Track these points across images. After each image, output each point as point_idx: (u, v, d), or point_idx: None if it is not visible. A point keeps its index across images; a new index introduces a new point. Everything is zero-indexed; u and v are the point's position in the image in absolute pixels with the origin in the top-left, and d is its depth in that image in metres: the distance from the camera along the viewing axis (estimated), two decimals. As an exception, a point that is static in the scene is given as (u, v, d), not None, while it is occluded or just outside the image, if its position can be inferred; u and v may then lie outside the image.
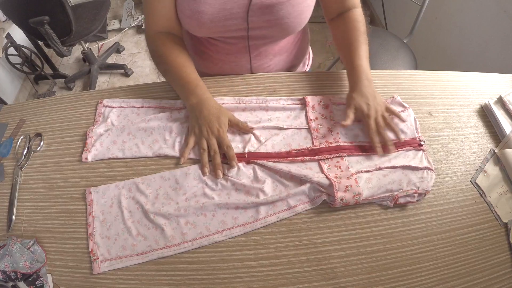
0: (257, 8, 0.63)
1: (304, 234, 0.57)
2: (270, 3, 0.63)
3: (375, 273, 0.54)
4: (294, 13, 0.65)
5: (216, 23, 0.65)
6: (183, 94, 0.68)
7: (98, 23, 1.85)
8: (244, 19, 0.65)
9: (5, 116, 0.73)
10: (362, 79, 0.65)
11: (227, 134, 0.64)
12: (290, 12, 0.64)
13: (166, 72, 0.69)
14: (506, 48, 1.31)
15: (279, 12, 0.64)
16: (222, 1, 0.63)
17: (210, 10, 0.63)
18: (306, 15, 0.68)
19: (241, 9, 0.64)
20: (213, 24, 0.65)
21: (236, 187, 0.61)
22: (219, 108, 0.66)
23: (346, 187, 0.58)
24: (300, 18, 0.67)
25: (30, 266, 0.52)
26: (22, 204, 0.61)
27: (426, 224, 0.59)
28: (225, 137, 0.63)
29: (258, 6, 0.63)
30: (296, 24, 0.67)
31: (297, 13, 0.65)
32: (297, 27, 0.69)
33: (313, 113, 0.69)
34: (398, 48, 1.44)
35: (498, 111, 0.72)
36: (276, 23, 0.66)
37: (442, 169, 0.65)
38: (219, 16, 0.64)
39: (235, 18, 0.65)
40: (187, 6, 0.64)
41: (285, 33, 0.70)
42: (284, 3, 0.63)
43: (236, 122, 0.66)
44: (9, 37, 1.81)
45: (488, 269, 0.56)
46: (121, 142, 0.66)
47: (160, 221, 0.57)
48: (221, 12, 0.64)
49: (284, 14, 0.64)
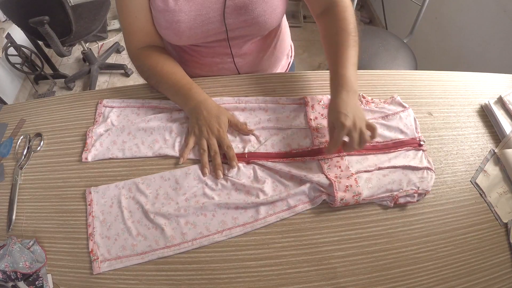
0: (232, 10, 0.64)
1: (304, 234, 0.57)
2: (243, 4, 0.63)
3: (375, 273, 0.54)
4: (268, 10, 0.65)
5: (194, 30, 0.65)
6: (179, 100, 0.67)
7: (98, 23, 1.85)
8: (221, 22, 0.66)
9: (5, 116, 0.73)
10: (342, 91, 0.59)
11: (227, 134, 0.64)
12: (265, 9, 0.64)
13: (157, 83, 0.69)
14: (506, 48, 1.31)
15: (254, 11, 0.64)
16: (196, 7, 0.63)
17: (186, 18, 0.63)
18: (281, 9, 0.68)
19: (216, 12, 0.64)
20: (191, 32, 0.65)
21: (236, 187, 0.61)
22: (218, 108, 0.66)
23: (346, 187, 0.58)
24: (275, 13, 0.67)
25: (30, 266, 0.52)
26: (22, 204, 0.61)
27: (426, 224, 0.59)
28: (225, 137, 0.63)
29: (232, 8, 0.64)
30: (272, 19, 0.67)
31: (272, 9, 0.65)
32: (274, 23, 0.69)
33: (312, 113, 0.69)
34: (398, 48, 1.44)
35: (498, 111, 0.72)
36: (253, 22, 0.66)
37: (442, 169, 0.65)
38: (196, 23, 0.64)
39: (212, 23, 0.65)
40: (163, 18, 0.64)
41: (264, 30, 0.70)
42: (257, 1, 0.63)
43: (235, 123, 0.66)
44: (9, 37, 1.80)
45: (488, 269, 0.56)
46: (121, 142, 0.66)
47: (160, 221, 0.57)
48: (197, 18, 0.64)
49: (259, 12, 0.64)
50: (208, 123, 0.63)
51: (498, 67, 1.34)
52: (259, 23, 0.67)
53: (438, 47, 1.70)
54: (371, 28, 1.61)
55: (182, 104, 0.67)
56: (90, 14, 1.88)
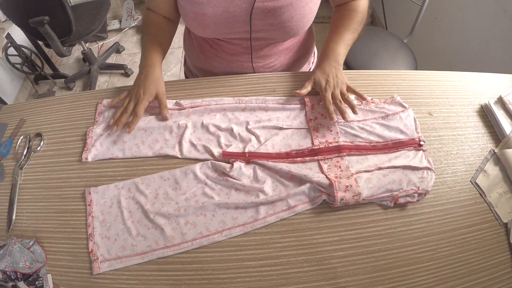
0: (260, 12, 0.64)
1: (304, 234, 0.57)
2: (272, 7, 0.63)
3: (375, 273, 0.54)
4: (296, 16, 0.65)
5: (219, 25, 0.66)
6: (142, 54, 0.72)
7: (98, 23, 1.85)
8: (246, 22, 0.66)
9: (5, 116, 0.73)
10: (329, 60, 0.69)
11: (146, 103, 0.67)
12: (293, 15, 0.64)
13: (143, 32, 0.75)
14: (506, 48, 1.31)
15: (282, 15, 0.64)
16: (225, 4, 0.63)
17: (213, 12, 0.63)
18: (309, 18, 0.68)
19: (243, 12, 0.64)
20: (216, 26, 0.66)
21: (236, 187, 0.61)
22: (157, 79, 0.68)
23: (346, 187, 0.58)
24: (302, 21, 0.67)
25: (30, 266, 0.52)
26: (22, 204, 0.61)
27: (426, 224, 0.59)
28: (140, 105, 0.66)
29: (260, 10, 0.63)
30: (298, 27, 0.67)
31: (300, 16, 0.65)
32: (300, 30, 0.69)
33: (312, 113, 0.69)
34: (398, 48, 1.44)
35: (498, 111, 0.72)
36: (278, 26, 0.66)
37: (442, 169, 0.65)
38: (222, 19, 0.65)
39: (238, 21, 0.65)
40: (190, 9, 0.65)
41: (288, 36, 0.70)
42: (286, 6, 0.63)
43: (160, 100, 0.68)
44: (9, 37, 1.80)
45: (488, 269, 0.56)
46: (121, 142, 0.66)
47: (160, 221, 0.57)
48: (224, 14, 0.64)
49: (286, 17, 0.64)
50: (137, 86, 0.68)
51: (498, 67, 1.34)
52: (284, 28, 0.67)
53: (438, 47, 1.70)
54: (371, 28, 1.61)
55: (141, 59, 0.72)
56: (90, 14, 1.88)
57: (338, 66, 0.69)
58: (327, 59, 0.70)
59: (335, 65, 0.69)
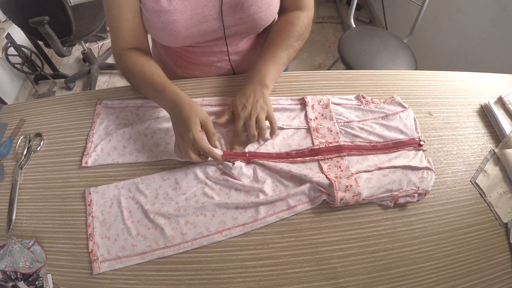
0: (228, 8, 0.64)
1: (304, 234, 0.57)
2: (238, 1, 0.63)
3: (375, 273, 0.54)
4: (263, 7, 0.66)
5: (191, 29, 0.65)
6: (158, 101, 0.65)
7: (98, 23, 1.85)
8: (218, 20, 0.66)
9: (5, 116, 0.73)
10: (252, 82, 0.66)
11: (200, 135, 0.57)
12: (260, 6, 0.65)
13: (138, 85, 0.68)
14: (506, 48, 1.31)
15: (250, 8, 0.65)
16: (192, 6, 0.63)
17: (182, 17, 0.63)
18: (275, 6, 0.69)
19: (212, 10, 0.64)
20: (188, 31, 0.65)
21: (236, 187, 0.61)
22: (190, 109, 0.59)
23: (346, 187, 0.58)
24: (270, 10, 0.68)
25: (30, 266, 0.52)
26: (22, 204, 0.61)
27: (426, 224, 0.59)
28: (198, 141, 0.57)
29: (228, 5, 0.64)
30: (267, 16, 0.68)
31: (267, 6, 0.66)
32: (269, 19, 0.70)
33: (312, 113, 0.69)
34: (398, 48, 1.45)
35: (498, 111, 0.72)
36: (248, 19, 0.66)
37: (442, 169, 0.65)
38: (192, 22, 0.64)
39: (209, 21, 0.65)
40: (158, 19, 0.63)
41: (259, 27, 0.70)
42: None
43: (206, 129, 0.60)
44: (9, 37, 1.80)
45: (488, 269, 0.56)
46: (121, 147, 0.66)
47: (160, 221, 0.57)
48: (193, 17, 0.64)
49: (254, 9, 0.65)
50: (181, 132, 0.59)
51: (498, 67, 1.34)
52: (254, 20, 0.67)
53: (438, 47, 1.70)
54: (371, 28, 1.61)
55: (161, 104, 0.65)
56: (90, 14, 1.88)
57: (263, 89, 0.65)
58: (251, 81, 0.66)
59: (259, 88, 0.65)
